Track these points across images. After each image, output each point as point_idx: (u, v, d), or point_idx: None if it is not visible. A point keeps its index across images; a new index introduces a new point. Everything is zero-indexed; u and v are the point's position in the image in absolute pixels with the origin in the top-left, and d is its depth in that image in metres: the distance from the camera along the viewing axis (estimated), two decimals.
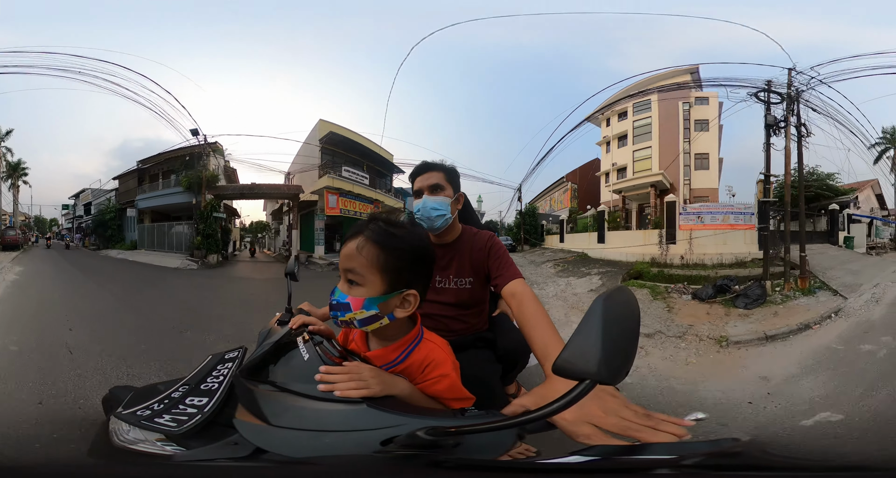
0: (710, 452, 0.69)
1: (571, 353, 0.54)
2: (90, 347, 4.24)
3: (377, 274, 0.94)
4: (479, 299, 1.72)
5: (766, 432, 2.67)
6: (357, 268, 0.94)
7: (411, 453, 0.66)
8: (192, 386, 1.01)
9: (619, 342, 0.55)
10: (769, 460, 0.70)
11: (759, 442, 0.77)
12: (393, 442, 0.69)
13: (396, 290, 0.95)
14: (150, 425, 0.87)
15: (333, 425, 0.77)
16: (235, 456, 0.76)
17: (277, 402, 0.83)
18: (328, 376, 0.86)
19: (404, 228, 1.00)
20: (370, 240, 0.94)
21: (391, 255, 0.94)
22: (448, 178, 1.68)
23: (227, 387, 0.96)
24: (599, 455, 0.69)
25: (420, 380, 0.97)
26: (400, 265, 0.95)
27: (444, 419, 0.84)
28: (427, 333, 1.06)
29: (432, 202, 1.60)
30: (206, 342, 4.61)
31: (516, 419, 0.60)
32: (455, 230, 1.69)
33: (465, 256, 1.64)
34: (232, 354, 1.12)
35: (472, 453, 0.69)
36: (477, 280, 1.64)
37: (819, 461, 0.79)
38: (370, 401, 0.80)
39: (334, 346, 1.05)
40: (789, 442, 2.28)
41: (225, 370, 1.05)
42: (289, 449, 0.74)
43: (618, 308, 0.57)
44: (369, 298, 0.93)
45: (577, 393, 0.54)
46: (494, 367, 1.67)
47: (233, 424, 0.82)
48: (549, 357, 1.00)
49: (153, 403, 0.96)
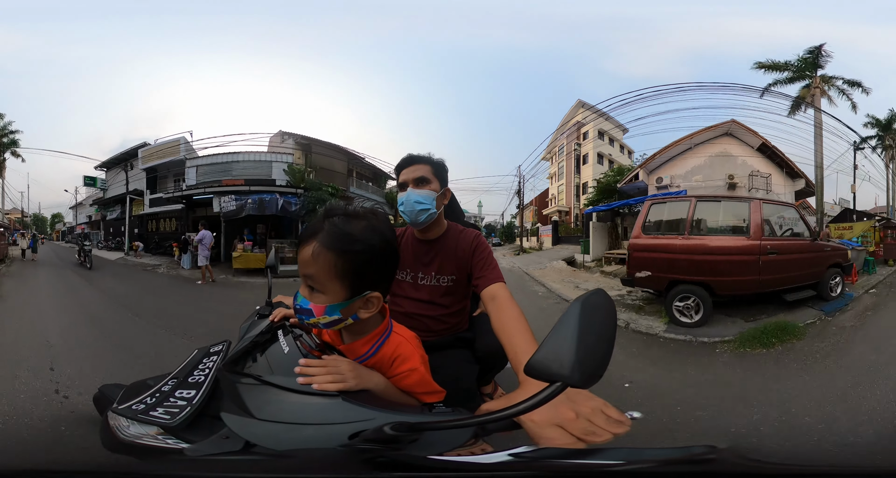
0: (678, 459, 0.67)
1: (545, 355, 0.54)
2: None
3: (336, 281, 0.90)
4: (460, 298, 1.69)
5: (751, 439, 2.63)
6: (315, 275, 0.90)
7: (372, 448, 0.66)
8: (180, 379, 1.03)
9: (594, 345, 0.54)
10: (746, 466, 0.67)
11: (737, 449, 0.71)
12: (359, 437, 0.69)
13: (359, 294, 0.92)
14: (147, 419, 0.88)
15: (311, 418, 0.78)
16: (231, 450, 0.77)
17: (260, 395, 0.84)
18: (307, 369, 0.86)
19: (362, 221, 0.93)
20: (325, 246, 0.88)
21: (350, 259, 0.89)
22: (435, 171, 1.60)
23: (212, 379, 0.98)
24: (544, 456, 0.68)
25: (391, 374, 0.97)
26: (360, 269, 0.91)
27: (411, 415, 0.85)
28: (396, 326, 1.05)
29: (416, 195, 1.53)
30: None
31: (480, 418, 0.60)
32: (440, 226, 1.64)
33: (449, 253, 1.60)
34: (216, 348, 1.13)
35: (425, 449, 0.70)
36: (459, 278, 1.61)
37: (799, 467, 0.76)
38: (345, 394, 0.82)
39: (313, 338, 1.06)
40: (779, 449, 2.24)
41: (210, 363, 1.07)
42: (272, 442, 0.75)
43: (594, 311, 0.57)
44: (330, 305, 0.91)
45: (546, 395, 0.53)
46: (472, 367, 1.66)
47: (221, 417, 0.83)
48: (522, 363, 0.97)
49: (146, 397, 0.98)
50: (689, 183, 14.32)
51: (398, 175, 1.64)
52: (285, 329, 1.06)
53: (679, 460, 0.66)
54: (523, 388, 0.88)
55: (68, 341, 4.66)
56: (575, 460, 0.67)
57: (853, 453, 1.27)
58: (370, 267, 0.92)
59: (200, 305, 7.81)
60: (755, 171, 13.86)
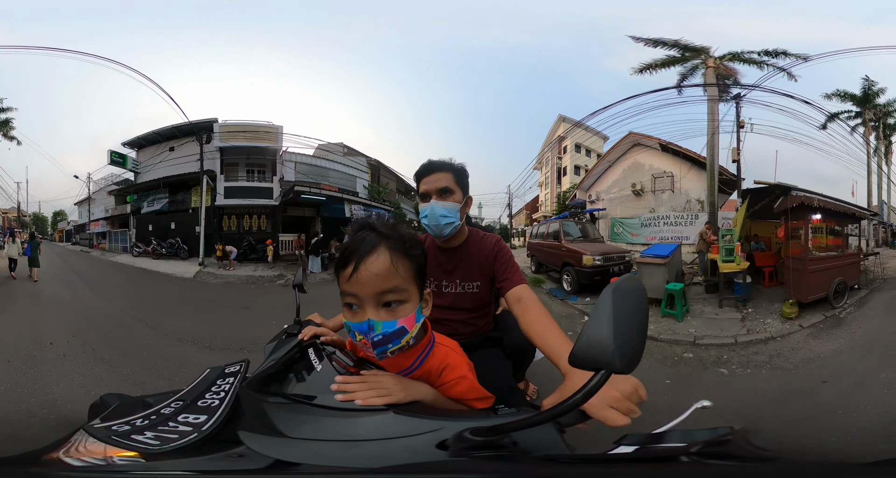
0: (708, 440, 0.74)
1: (585, 344, 0.56)
2: None
3: (415, 284, 0.90)
4: (486, 302, 1.69)
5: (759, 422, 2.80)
6: (399, 285, 0.87)
7: (483, 454, 0.67)
8: (187, 402, 0.93)
9: (630, 331, 0.56)
10: (749, 451, 0.74)
11: (744, 432, 0.78)
12: (447, 445, 0.68)
13: (421, 292, 0.93)
14: (124, 443, 0.79)
15: (361, 434, 0.74)
16: (247, 468, 0.73)
17: (291, 414, 0.80)
18: (346, 386, 0.82)
19: (400, 226, 0.96)
20: (402, 252, 0.88)
21: (416, 261, 0.92)
22: (457, 179, 1.55)
23: (229, 403, 0.89)
24: (638, 444, 0.73)
25: (439, 383, 0.95)
26: (421, 267, 0.94)
27: (483, 419, 0.81)
28: (438, 337, 1.03)
29: (442, 209, 1.49)
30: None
31: (552, 412, 0.61)
32: (462, 234, 1.61)
33: (472, 260, 1.58)
34: (233, 368, 1.06)
35: (532, 449, 0.70)
36: (484, 284, 1.61)
37: (791, 454, 0.86)
38: (395, 408, 0.79)
39: (348, 355, 1.02)
40: (778, 433, 2.42)
41: (226, 385, 0.97)
42: (322, 459, 0.71)
43: (626, 297, 0.59)
44: (417, 310, 0.90)
45: (596, 382, 0.56)
46: (506, 363, 1.68)
47: (237, 437, 0.77)
48: (561, 357, 1.02)
49: (137, 418, 0.88)
50: (610, 196, 15.78)
51: (418, 182, 1.58)
52: (316, 348, 1.02)
53: (709, 441, 0.73)
54: (568, 380, 0.91)
55: None
56: (664, 445, 0.74)
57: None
58: (425, 264, 0.96)
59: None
60: (659, 172, 14.41)
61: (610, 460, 0.71)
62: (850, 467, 0.79)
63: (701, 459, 0.69)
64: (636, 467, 0.72)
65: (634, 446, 0.72)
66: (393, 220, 0.98)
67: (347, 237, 0.93)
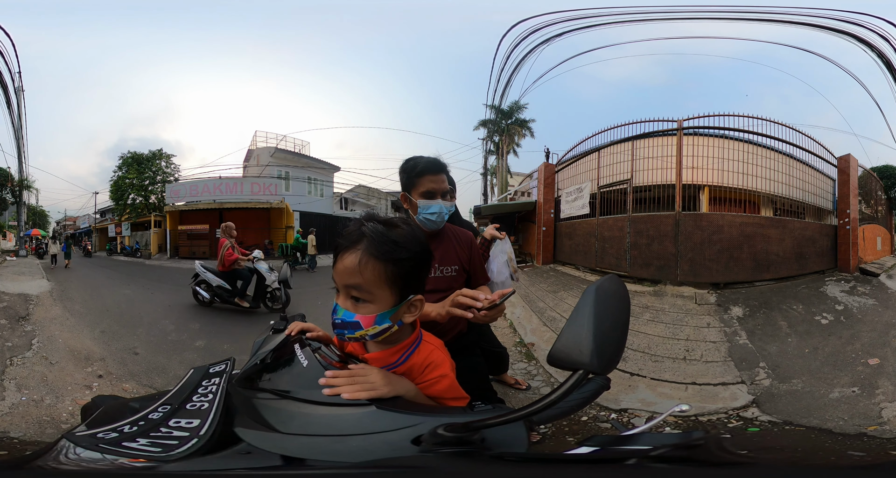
0: (675, 443, 0.72)
1: (564, 343, 0.56)
2: None
3: (385, 288, 0.89)
4: (460, 287, 1.73)
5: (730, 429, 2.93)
6: (362, 285, 0.88)
7: (452, 450, 0.66)
8: (175, 406, 0.89)
9: (610, 332, 0.56)
10: (720, 457, 0.73)
11: (716, 437, 0.80)
12: (421, 441, 0.68)
13: (405, 299, 0.92)
14: (119, 451, 0.74)
15: (346, 428, 0.74)
16: (257, 465, 0.71)
17: (281, 410, 0.81)
18: (333, 380, 0.83)
19: (402, 228, 0.93)
20: (372, 255, 0.87)
21: (397, 266, 0.89)
22: (450, 179, 1.76)
23: (220, 405, 0.86)
24: (601, 445, 0.73)
25: (420, 380, 0.96)
26: (407, 273, 0.90)
27: (460, 416, 0.82)
28: (425, 334, 1.05)
29: (448, 209, 1.67)
30: None
31: (527, 410, 0.60)
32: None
33: (450, 245, 1.70)
34: (218, 368, 1.03)
35: (500, 446, 0.70)
36: (460, 270, 1.72)
37: (764, 459, 0.86)
38: (378, 402, 0.79)
39: (333, 351, 1.03)
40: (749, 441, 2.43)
41: (213, 386, 0.94)
42: (314, 455, 0.71)
43: (608, 298, 0.58)
44: (380, 313, 0.89)
45: (572, 383, 0.55)
46: (482, 363, 1.83)
47: (234, 435, 0.76)
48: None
49: (125, 424, 0.84)
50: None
51: (419, 178, 1.65)
52: (302, 343, 1.02)
53: (677, 444, 0.71)
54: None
55: None
56: (627, 447, 0.71)
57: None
58: (414, 272, 0.92)
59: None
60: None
61: (566, 461, 0.71)
62: (828, 472, 0.77)
63: (662, 464, 0.67)
64: (593, 468, 0.70)
65: (596, 447, 0.71)
66: (395, 219, 0.96)
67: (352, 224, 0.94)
